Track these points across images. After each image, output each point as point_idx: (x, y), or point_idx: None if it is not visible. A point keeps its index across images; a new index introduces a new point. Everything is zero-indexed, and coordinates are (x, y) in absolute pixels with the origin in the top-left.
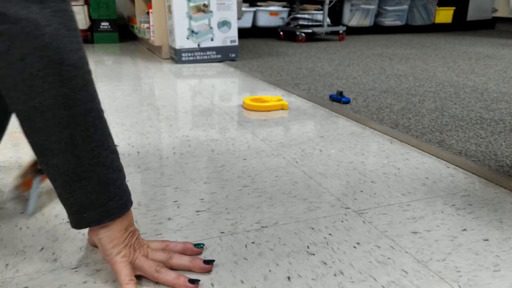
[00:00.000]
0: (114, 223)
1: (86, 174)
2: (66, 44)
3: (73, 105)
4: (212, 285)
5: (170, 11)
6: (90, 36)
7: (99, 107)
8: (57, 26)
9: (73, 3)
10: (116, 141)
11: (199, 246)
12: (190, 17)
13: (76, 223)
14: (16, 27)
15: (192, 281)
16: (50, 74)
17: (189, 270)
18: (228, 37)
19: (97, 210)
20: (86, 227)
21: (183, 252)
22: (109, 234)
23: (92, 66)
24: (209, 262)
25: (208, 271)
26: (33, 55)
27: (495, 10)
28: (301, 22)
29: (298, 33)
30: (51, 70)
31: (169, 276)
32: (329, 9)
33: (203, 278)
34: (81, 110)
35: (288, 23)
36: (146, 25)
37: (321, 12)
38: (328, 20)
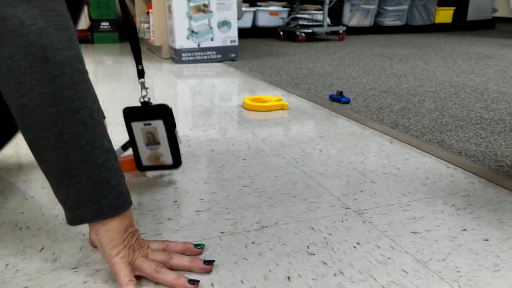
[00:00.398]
0: (113, 222)
1: (77, 171)
2: (53, 43)
3: (60, 102)
4: (212, 285)
5: (170, 11)
6: (90, 36)
7: (91, 105)
8: (43, 24)
9: None
10: (116, 141)
11: (200, 247)
12: (190, 17)
13: (71, 219)
14: (2, 25)
15: (192, 282)
16: (36, 72)
17: (189, 270)
18: (228, 37)
19: (90, 207)
20: (79, 224)
21: (183, 253)
22: (109, 235)
23: (92, 66)
24: (209, 262)
25: (209, 272)
26: (19, 53)
27: (495, 10)
28: (301, 22)
29: (298, 33)
30: (37, 67)
31: (169, 276)
32: (329, 9)
33: (203, 278)
34: (69, 108)
35: (288, 23)
36: (146, 25)
37: (321, 12)
38: (328, 20)
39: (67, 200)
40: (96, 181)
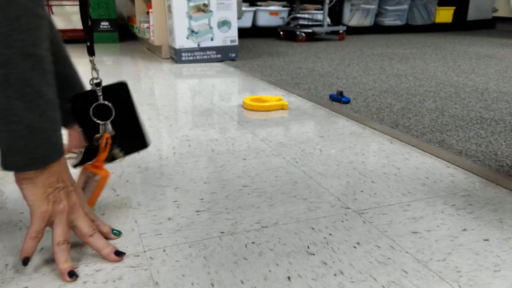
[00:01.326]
0: (38, 177)
1: (15, 118)
2: None
3: (13, 45)
4: (212, 285)
5: (170, 11)
6: None
7: (44, 53)
8: None
9: (73, 3)
10: None
11: (116, 234)
12: (190, 17)
13: (2, 165)
14: None
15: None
16: None
17: (99, 253)
18: (228, 37)
19: (23, 156)
20: (9, 171)
21: (105, 236)
22: (31, 187)
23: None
24: (120, 254)
25: (111, 258)
26: None
27: (495, 10)
28: (301, 22)
29: (298, 33)
30: None
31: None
32: (329, 8)
33: (203, 279)
34: (21, 52)
35: (288, 23)
36: (146, 25)
37: (321, 12)
38: (328, 20)
39: (0, 144)
40: (32, 131)
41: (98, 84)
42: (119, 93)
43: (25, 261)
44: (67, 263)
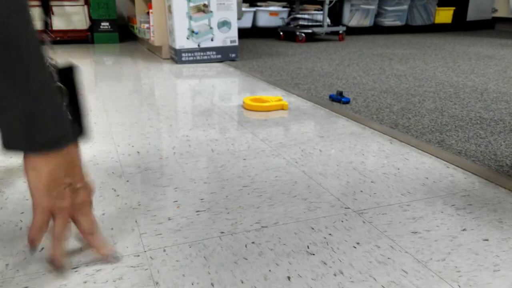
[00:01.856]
0: (45, 167)
1: (5, 102)
2: None
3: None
4: (212, 285)
5: (170, 11)
6: (90, 36)
7: (32, 36)
8: None
9: (73, 3)
10: (116, 141)
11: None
12: (190, 17)
13: (4, 144)
14: None
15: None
16: None
17: (96, 248)
18: (228, 37)
19: (24, 140)
20: (12, 151)
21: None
22: (36, 180)
23: (92, 66)
24: (117, 258)
25: (108, 259)
26: None
27: (495, 10)
28: (301, 22)
29: (298, 33)
30: None
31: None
32: (329, 9)
33: (202, 279)
34: (4, 37)
35: (288, 23)
36: (146, 25)
37: (321, 12)
38: (328, 20)
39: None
40: (29, 115)
41: (53, 65)
42: (68, 76)
43: (32, 248)
44: (62, 256)
